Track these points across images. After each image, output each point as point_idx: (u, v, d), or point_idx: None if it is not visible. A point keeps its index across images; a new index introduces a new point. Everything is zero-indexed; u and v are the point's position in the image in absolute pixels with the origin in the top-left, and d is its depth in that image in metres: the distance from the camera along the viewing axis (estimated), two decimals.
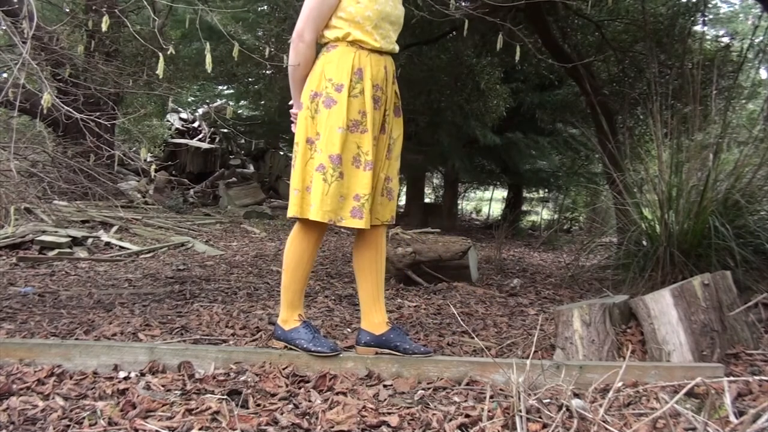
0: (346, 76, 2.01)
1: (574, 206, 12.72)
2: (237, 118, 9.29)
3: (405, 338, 2.13)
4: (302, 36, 2.05)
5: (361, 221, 2.02)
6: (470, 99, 7.52)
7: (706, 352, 2.15)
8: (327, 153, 1.99)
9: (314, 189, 2.01)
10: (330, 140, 1.99)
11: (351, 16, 2.01)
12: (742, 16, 10.03)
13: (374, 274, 2.17)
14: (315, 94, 2.05)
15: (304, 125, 2.06)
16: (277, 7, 6.51)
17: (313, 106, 2.05)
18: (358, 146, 2.03)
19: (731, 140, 3.71)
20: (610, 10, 6.40)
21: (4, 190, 4.27)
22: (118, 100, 7.20)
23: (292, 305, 2.15)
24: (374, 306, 2.17)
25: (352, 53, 2.03)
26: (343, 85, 2.01)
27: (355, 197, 2.02)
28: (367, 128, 2.03)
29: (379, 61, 2.07)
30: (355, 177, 2.03)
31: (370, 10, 2.01)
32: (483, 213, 16.64)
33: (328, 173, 1.99)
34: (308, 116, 2.05)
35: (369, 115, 2.03)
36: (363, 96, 2.03)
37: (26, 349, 2.08)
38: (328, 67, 2.04)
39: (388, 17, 2.06)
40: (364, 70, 2.03)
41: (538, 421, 1.58)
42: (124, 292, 3.71)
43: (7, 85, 2.62)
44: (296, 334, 2.11)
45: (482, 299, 3.75)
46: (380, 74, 2.07)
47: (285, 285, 2.15)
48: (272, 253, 5.99)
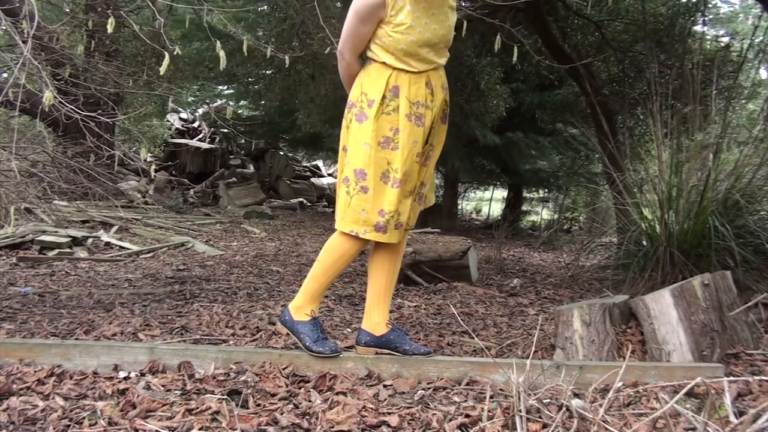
0: (379, 92, 2.01)
1: (574, 206, 12.72)
2: (237, 118, 9.29)
3: (405, 339, 2.13)
4: (343, 54, 2.12)
5: (384, 236, 2.02)
6: (470, 99, 7.51)
7: (706, 352, 2.15)
8: (353, 167, 2.02)
9: (339, 199, 2.06)
10: (356, 155, 2.02)
11: (385, 46, 2.01)
12: (742, 16, 10.03)
13: (386, 274, 2.17)
14: (351, 105, 2.08)
15: (343, 134, 2.11)
16: (277, 7, 6.50)
17: (349, 116, 2.08)
18: (388, 162, 2.02)
19: (731, 140, 3.71)
20: (610, 10, 6.40)
21: (4, 190, 4.27)
22: (118, 100, 7.20)
23: (311, 297, 2.14)
24: (377, 306, 2.17)
25: (389, 71, 2.02)
26: (374, 101, 2.00)
27: (380, 212, 2.02)
28: (398, 146, 2.01)
29: (419, 79, 2.04)
30: (383, 193, 2.02)
31: (403, 43, 1.98)
32: (483, 213, 16.64)
33: (351, 186, 2.02)
34: (345, 126, 2.09)
35: (403, 132, 2.00)
36: (397, 113, 2.01)
37: (26, 349, 2.08)
38: (366, 80, 2.06)
39: (427, 43, 2.01)
40: (400, 88, 2.02)
41: (538, 421, 1.58)
42: (124, 292, 3.71)
43: (8, 85, 2.62)
44: (302, 328, 2.10)
45: (482, 299, 3.75)
46: (420, 91, 2.04)
47: (314, 275, 2.13)
48: (272, 253, 5.99)
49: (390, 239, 2.04)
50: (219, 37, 5.71)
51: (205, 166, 12.74)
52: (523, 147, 9.46)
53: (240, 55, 4.10)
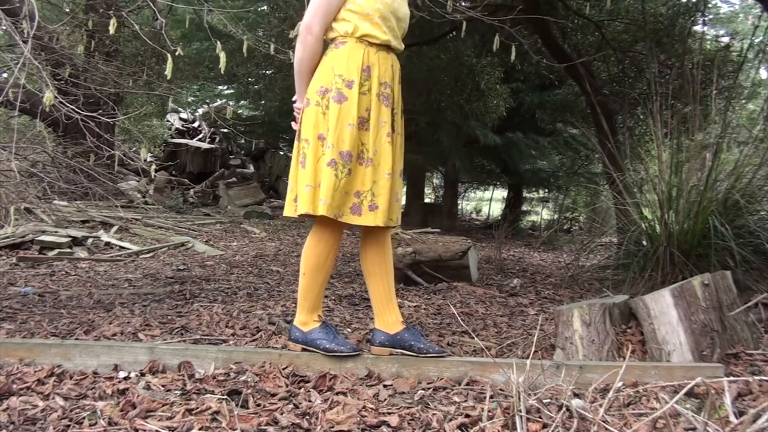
0: (356, 72, 2.01)
1: (574, 206, 12.72)
2: (237, 118, 9.29)
3: (419, 338, 2.13)
4: (311, 28, 2.04)
5: (360, 218, 2.02)
6: (470, 99, 7.52)
7: (706, 352, 2.15)
8: (338, 149, 1.99)
9: (325, 185, 1.98)
10: (341, 137, 1.99)
11: (360, 8, 2.02)
12: (742, 16, 10.04)
13: (384, 274, 2.17)
14: (325, 90, 2.03)
15: (314, 121, 2.03)
16: (277, 7, 6.51)
17: (324, 102, 2.03)
18: (362, 143, 2.03)
19: (731, 140, 3.71)
20: (610, 10, 6.40)
21: (4, 190, 4.27)
22: (118, 100, 7.20)
23: (312, 308, 2.13)
24: (388, 306, 2.16)
25: (362, 50, 2.03)
26: (354, 81, 2.01)
27: (355, 194, 2.03)
28: (370, 126, 2.04)
29: (387, 59, 2.09)
30: (358, 174, 2.03)
31: (379, 2, 2.02)
32: (483, 213, 16.65)
33: (339, 169, 1.98)
34: (319, 112, 2.03)
35: (374, 112, 2.04)
36: (370, 93, 2.04)
37: (26, 349, 2.08)
38: (338, 62, 2.03)
39: (396, 12, 2.07)
40: (372, 67, 2.04)
41: (538, 421, 1.58)
42: (124, 292, 3.71)
43: (8, 85, 2.62)
44: (316, 335, 2.09)
45: (482, 299, 3.75)
46: (387, 72, 2.08)
47: (305, 288, 2.12)
48: (272, 253, 5.99)
49: (365, 221, 2.02)
50: (219, 37, 5.71)
51: (205, 166, 12.75)
52: (523, 147, 9.46)
53: (240, 55, 4.09)
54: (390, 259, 2.20)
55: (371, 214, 2.04)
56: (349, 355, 2.05)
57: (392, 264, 2.21)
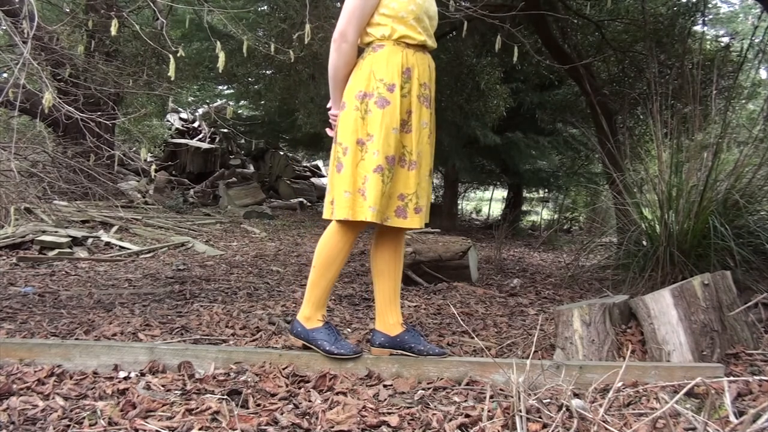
0: (397, 75, 2.00)
1: (574, 206, 12.72)
2: (237, 118, 9.30)
3: (420, 339, 2.13)
4: (345, 35, 2.01)
5: (405, 221, 2.04)
6: (470, 99, 7.51)
7: (706, 352, 2.15)
8: (384, 154, 1.97)
9: (372, 191, 1.96)
10: (387, 141, 1.97)
11: (394, 11, 2.00)
12: (742, 16, 10.04)
13: (392, 275, 2.17)
14: (364, 95, 2.01)
15: (353, 126, 2.00)
16: (277, 7, 6.51)
17: (363, 107, 2.01)
18: (404, 146, 2.03)
19: (731, 140, 3.71)
20: (610, 10, 6.40)
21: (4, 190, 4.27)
22: (118, 100, 7.21)
23: (317, 304, 2.13)
24: (390, 307, 2.16)
25: (400, 52, 2.02)
26: (395, 85, 1.99)
27: (399, 197, 2.03)
28: (411, 128, 2.03)
29: (424, 59, 2.08)
30: (401, 176, 2.03)
31: (413, 3, 2.01)
32: (483, 213, 16.64)
33: (386, 174, 1.98)
34: (358, 117, 2.00)
35: (415, 114, 2.03)
36: (410, 96, 2.03)
37: (26, 349, 2.08)
38: (378, 66, 2.01)
39: (427, 11, 2.07)
40: (412, 69, 2.03)
41: (538, 421, 1.58)
42: (124, 292, 3.71)
43: (8, 85, 2.62)
44: (318, 335, 2.09)
45: (482, 299, 3.75)
46: (426, 72, 2.08)
47: (313, 282, 2.11)
48: (272, 253, 5.99)
49: (411, 224, 2.04)
50: (219, 37, 5.71)
51: (205, 166, 12.74)
52: (523, 147, 9.46)
53: (240, 55, 4.10)
54: (401, 260, 2.20)
55: (417, 217, 2.05)
56: (351, 358, 2.05)
57: (401, 266, 2.21)
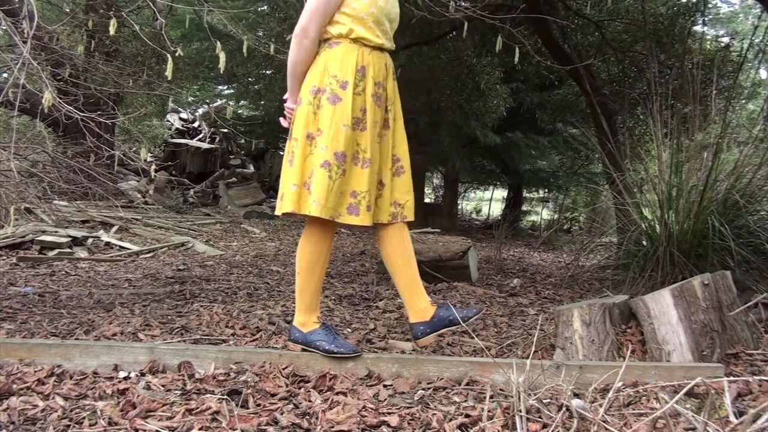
0: (350, 73, 2.02)
1: (574, 206, 12.72)
2: (237, 118, 9.29)
3: (452, 310, 2.14)
4: (307, 32, 2.04)
5: (357, 218, 2.04)
6: (470, 99, 7.52)
7: (706, 352, 2.15)
8: (332, 150, 1.99)
9: (317, 185, 1.98)
10: (336, 137, 1.99)
11: (355, 11, 2.03)
12: (742, 16, 10.04)
13: (407, 266, 2.19)
14: (318, 90, 2.03)
15: (304, 120, 2.04)
16: (277, 7, 6.51)
17: (316, 102, 2.03)
18: (357, 144, 2.05)
19: (731, 140, 3.71)
20: (610, 10, 6.40)
21: (4, 190, 4.27)
22: (118, 100, 7.20)
23: (309, 308, 2.14)
24: (416, 295, 2.19)
25: (356, 50, 2.04)
26: (348, 83, 2.01)
27: (352, 194, 2.04)
28: (366, 126, 2.05)
29: (380, 59, 2.10)
30: (354, 174, 2.04)
31: (374, 6, 2.03)
32: (483, 213, 16.65)
33: (333, 170, 1.99)
34: (310, 111, 2.03)
35: (369, 113, 2.05)
36: (365, 94, 2.05)
37: (26, 349, 2.08)
38: (332, 63, 2.04)
39: (388, 14, 2.10)
40: (366, 68, 2.05)
41: (538, 421, 1.58)
42: (124, 292, 3.71)
43: (8, 85, 2.62)
44: (316, 336, 2.10)
45: (482, 299, 3.75)
46: (381, 71, 2.10)
47: (300, 288, 2.13)
48: (272, 253, 5.99)
49: (363, 221, 2.04)
50: (219, 37, 5.71)
51: (205, 166, 12.74)
52: (523, 147, 9.47)
53: (240, 55, 4.09)
54: (411, 250, 2.22)
55: (368, 214, 2.06)
56: (350, 357, 2.05)
57: (413, 255, 2.23)
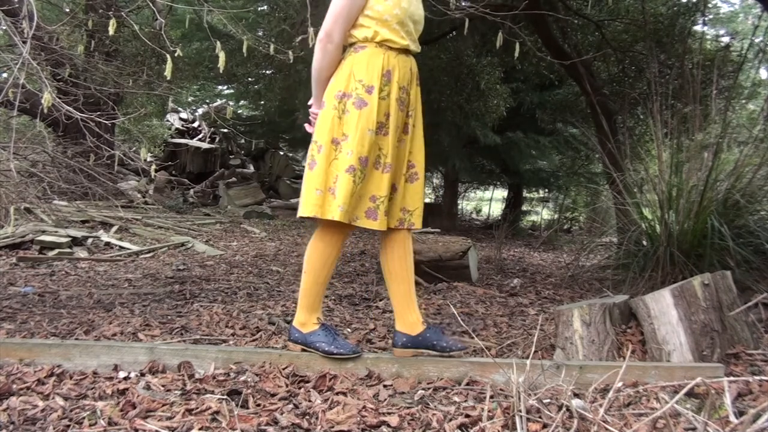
0: (376, 77, 2.00)
1: (574, 206, 12.71)
2: (237, 118, 9.29)
3: (442, 336, 2.12)
4: (331, 36, 2.02)
5: (375, 222, 2.02)
6: (470, 99, 7.51)
7: (706, 352, 2.15)
8: (357, 155, 1.97)
9: (341, 190, 1.97)
10: (361, 142, 1.98)
11: (378, 14, 2.01)
12: (742, 16, 10.03)
13: (405, 275, 2.17)
14: (343, 95, 2.02)
15: (329, 125, 2.02)
16: (277, 6, 6.51)
17: (341, 107, 2.02)
18: (380, 148, 2.03)
19: (731, 140, 3.71)
20: (610, 10, 6.40)
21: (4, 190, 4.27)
22: (118, 100, 7.20)
23: (311, 308, 2.13)
24: (408, 306, 2.16)
25: (382, 54, 2.03)
26: (374, 87, 2.00)
27: (371, 198, 2.03)
28: (389, 131, 2.03)
29: (406, 62, 2.09)
30: (374, 179, 2.03)
31: (397, 8, 2.01)
32: (483, 213, 16.64)
33: (357, 175, 1.98)
34: (335, 116, 2.02)
35: (392, 117, 2.04)
36: (389, 98, 2.03)
37: (26, 349, 2.08)
38: (358, 67, 2.02)
39: (412, 16, 2.07)
40: (392, 71, 2.04)
41: (538, 421, 1.58)
42: (124, 292, 3.71)
43: (7, 85, 2.62)
44: (315, 338, 2.09)
45: (482, 299, 3.75)
46: (406, 76, 2.08)
47: (306, 288, 2.12)
48: (272, 253, 5.99)
49: (380, 226, 2.03)
50: (219, 37, 5.71)
51: (205, 166, 12.74)
52: (523, 147, 9.46)
53: (240, 55, 4.09)
54: (411, 259, 2.20)
55: (385, 219, 2.05)
56: (350, 357, 2.05)
57: (413, 265, 2.21)
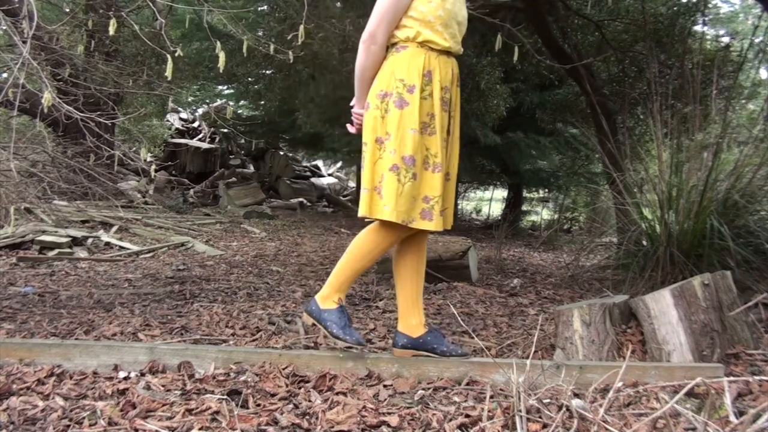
0: (417, 77, 2.00)
1: (574, 206, 12.71)
2: (237, 118, 9.29)
3: (442, 341, 2.13)
4: (375, 37, 2.03)
5: (431, 223, 2.02)
6: (470, 99, 7.51)
7: (706, 352, 2.15)
8: (400, 154, 1.98)
9: (387, 189, 1.98)
10: (403, 141, 1.98)
11: (422, 15, 2.01)
12: (742, 16, 10.03)
13: (415, 277, 2.17)
14: (385, 94, 2.03)
15: (372, 124, 2.04)
16: (277, 6, 6.50)
17: (383, 106, 2.03)
18: (427, 148, 2.03)
19: (731, 140, 3.71)
20: (610, 10, 6.39)
21: (4, 190, 4.27)
22: (118, 100, 7.20)
23: (338, 287, 2.14)
24: (412, 309, 2.16)
25: (423, 54, 2.03)
26: (415, 86, 2.00)
27: (424, 199, 2.02)
28: (435, 130, 2.03)
29: (447, 63, 2.08)
30: (425, 179, 2.03)
31: (441, 9, 2.01)
32: (483, 213, 16.64)
33: (402, 174, 1.98)
34: (378, 116, 2.03)
35: (438, 117, 2.03)
36: (432, 98, 2.03)
37: (26, 349, 2.08)
38: (399, 67, 2.03)
39: (456, 17, 2.07)
40: (433, 72, 2.03)
41: (538, 421, 1.58)
42: (124, 292, 3.71)
43: (7, 85, 2.62)
44: (329, 316, 2.10)
45: (482, 299, 3.75)
46: (448, 76, 2.08)
47: (341, 267, 2.12)
48: (272, 253, 5.99)
49: (436, 226, 2.02)
50: (219, 37, 5.71)
51: (205, 166, 12.74)
52: (523, 147, 9.46)
53: (240, 55, 4.09)
54: (423, 263, 2.20)
55: (441, 219, 2.04)
56: (351, 345, 2.04)
57: (424, 268, 2.21)
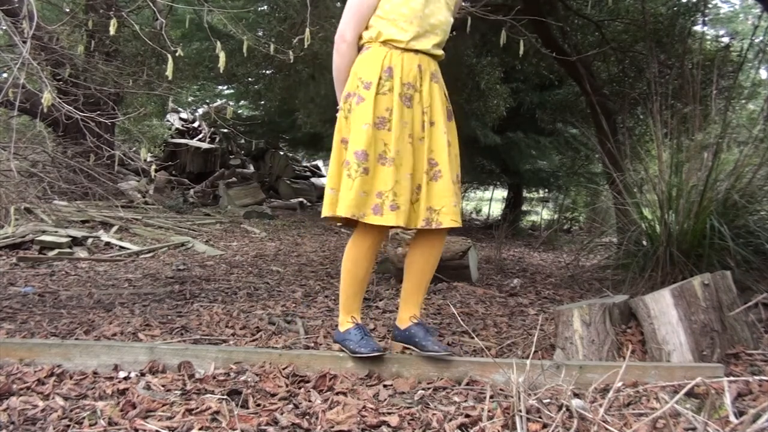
0: (375, 74, 2.03)
1: (574, 206, 12.71)
2: (237, 118, 9.28)
3: (426, 336, 2.12)
4: (344, 36, 2.09)
5: (381, 218, 2.00)
6: (470, 99, 7.51)
7: (706, 352, 2.15)
8: (353, 149, 2.00)
9: (342, 186, 2.02)
10: (356, 136, 2.01)
11: (386, 13, 2.05)
12: (742, 16, 10.03)
13: (418, 273, 2.18)
14: (348, 95, 2.08)
15: (338, 126, 2.10)
16: (277, 6, 6.51)
17: (347, 107, 2.08)
18: (384, 144, 2.03)
19: (731, 140, 3.71)
20: (610, 10, 6.39)
21: (4, 190, 4.27)
22: (118, 100, 7.20)
23: (345, 308, 2.18)
24: (407, 302, 2.20)
25: (384, 52, 2.06)
26: (371, 83, 2.03)
27: (377, 194, 2.02)
28: (393, 126, 2.03)
29: (412, 60, 2.07)
30: (379, 174, 2.02)
31: (405, 6, 2.04)
32: (483, 213, 16.63)
33: (352, 168, 1.99)
34: (342, 117, 2.09)
35: (396, 112, 2.03)
36: (391, 93, 2.04)
37: (26, 349, 2.08)
38: (360, 67, 2.07)
39: (427, 18, 2.06)
40: (394, 68, 2.04)
41: (538, 421, 1.58)
42: (124, 292, 3.71)
43: (7, 85, 2.62)
44: (346, 336, 2.12)
45: (482, 299, 3.75)
46: (412, 72, 2.07)
47: (341, 288, 2.18)
48: (272, 253, 5.99)
49: (386, 221, 2.00)
50: (219, 37, 5.70)
51: (205, 166, 12.74)
52: (523, 147, 9.45)
53: (240, 55, 4.10)
54: (431, 262, 2.19)
55: (392, 214, 2.00)
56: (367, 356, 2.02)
57: (433, 267, 2.20)
